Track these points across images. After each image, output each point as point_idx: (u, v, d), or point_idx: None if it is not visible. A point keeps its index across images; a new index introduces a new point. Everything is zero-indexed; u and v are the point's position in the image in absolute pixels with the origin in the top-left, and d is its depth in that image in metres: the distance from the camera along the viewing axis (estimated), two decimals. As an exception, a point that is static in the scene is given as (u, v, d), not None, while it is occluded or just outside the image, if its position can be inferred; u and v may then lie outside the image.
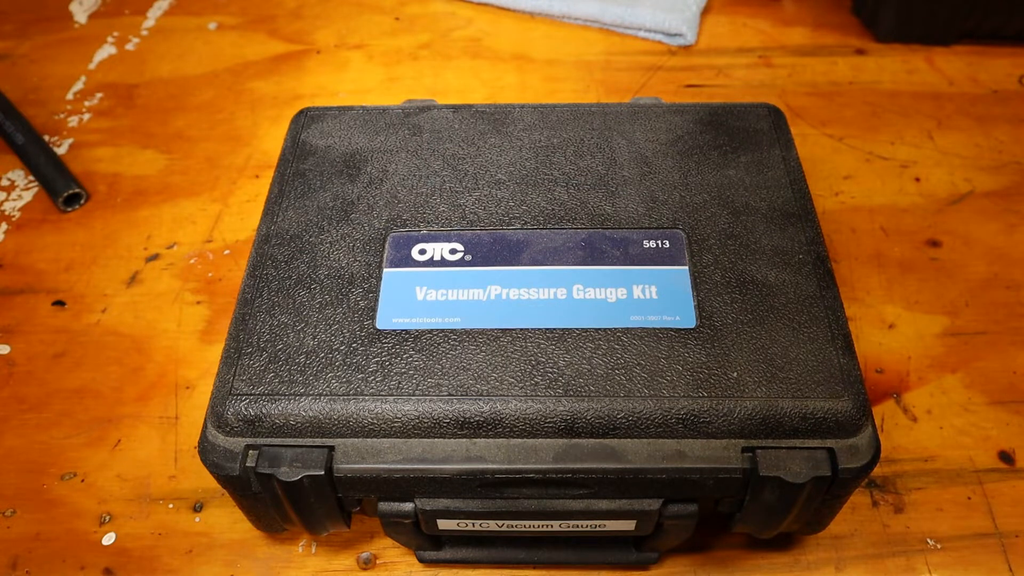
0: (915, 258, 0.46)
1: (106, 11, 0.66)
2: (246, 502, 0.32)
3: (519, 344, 0.31)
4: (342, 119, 0.41)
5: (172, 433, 0.40)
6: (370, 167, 0.38)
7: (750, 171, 0.37)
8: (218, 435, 0.30)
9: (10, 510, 0.38)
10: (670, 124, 0.40)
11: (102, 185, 0.52)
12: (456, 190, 0.37)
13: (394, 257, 0.34)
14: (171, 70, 0.61)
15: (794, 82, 0.57)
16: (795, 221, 0.35)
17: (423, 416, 0.29)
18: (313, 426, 0.30)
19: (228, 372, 0.31)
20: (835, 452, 0.29)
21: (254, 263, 0.34)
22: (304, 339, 0.32)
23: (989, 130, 0.53)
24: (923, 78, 0.57)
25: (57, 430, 0.41)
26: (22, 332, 0.45)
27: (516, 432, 0.29)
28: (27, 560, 0.36)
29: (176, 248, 0.48)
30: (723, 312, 0.32)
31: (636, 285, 0.33)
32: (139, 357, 0.43)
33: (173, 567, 0.36)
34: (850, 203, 0.49)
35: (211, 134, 0.56)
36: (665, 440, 0.29)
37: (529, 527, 0.32)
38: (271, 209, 0.37)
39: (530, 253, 0.34)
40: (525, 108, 0.41)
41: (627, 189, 0.37)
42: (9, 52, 0.63)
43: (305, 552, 0.36)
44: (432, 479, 0.29)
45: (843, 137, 0.53)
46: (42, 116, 0.57)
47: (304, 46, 0.62)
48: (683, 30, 0.60)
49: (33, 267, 0.48)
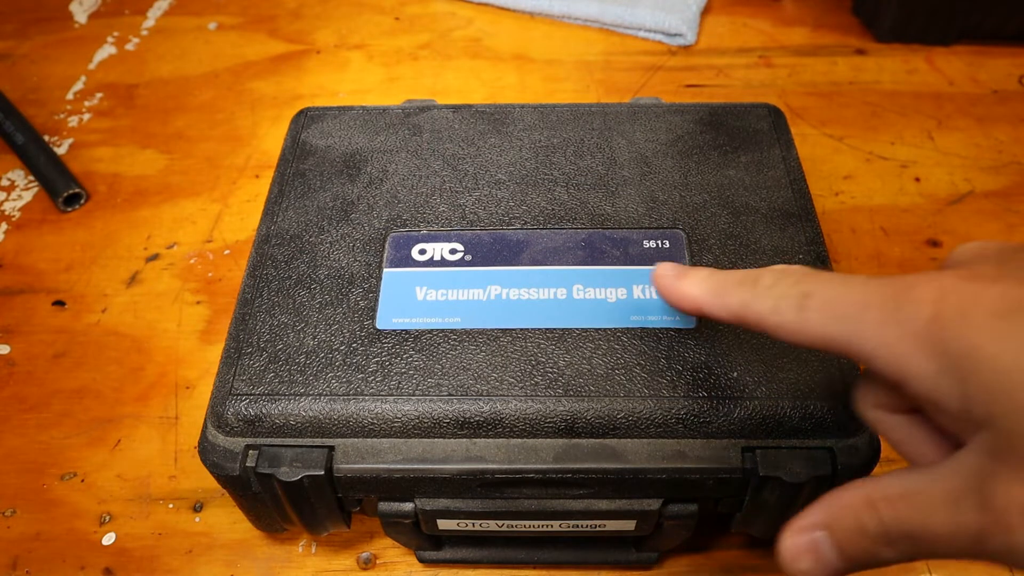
0: (915, 258, 0.46)
1: (106, 11, 0.66)
2: (246, 502, 0.32)
3: (519, 344, 0.31)
4: (342, 119, 0.41)
5: (172, 433, 0.40)
6: (370, 167, 0.38)
7: (750, 171, 0.37)
8: (218, 435, 0.30)
9: (10, 510, 0.38)
10: (670, 124, 0.40)
11: (102, 185, 0.52)
12: (456, 190, 0.37)
13: (394, 257, 0.34)
14: (171, 70, 0.61)
15: (794, 82, 0.57)
16: (795, 221, 0.35)
17: (423, 416, 0.29)
18: (313, 426, 0.30)
19: (228, 372, 0.31)
20: (835, 452, 0.29)
21: (254, 263, 0.34)
22: (304, 339, 0.32)
23: (989, 130, 0.53)
24: (923, 78, 0.57)
25: (57, 430, 0.41)
26: (22, 332, 0.45)
27: (516, 432, 0.29)
28: (27, 560, 0.36)
29: (176, 248, 0.48)
30: (723, 312, 0.32)
31: (636, 285, 0.33)
32: (139, 357, 0.43)
33: (173, 567, 0.36)
34: (850, 203, 0.49)
35: (211, 134, 0.56)
36: (665, 440, 0.29)
37: (529, 527, 0.32)
38: (271, 209, 0.37)
39: (530, 253, 0.34)
40: (525, 108, 0.41)
41: (627, 189, 0.37)
42: (9, 52, 0.63)
43: (305, 552, 0.36)
44: (432, 479, 0.29)
45: (843, 137, 0.53)
46: (42, 116, 0.57)
47: (304, 46, 0.62)
48: (683, 30, 0.60)
49: (33, 267, 0.48)
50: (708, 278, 0.27)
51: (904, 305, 0.21)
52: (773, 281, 0.24)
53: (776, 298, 0.24)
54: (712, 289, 0.26)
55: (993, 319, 0.20)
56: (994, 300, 0.20)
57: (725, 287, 0.26)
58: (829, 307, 0.23)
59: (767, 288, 0.24)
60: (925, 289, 0.21)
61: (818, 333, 0.23)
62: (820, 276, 0.24)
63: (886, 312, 0.21)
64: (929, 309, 0.21)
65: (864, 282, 0.22)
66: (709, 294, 0.26)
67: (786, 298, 0.24)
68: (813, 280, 0.24)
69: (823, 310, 0.23)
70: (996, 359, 0.19)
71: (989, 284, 0.20)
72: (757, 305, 0.24)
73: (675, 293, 0.28)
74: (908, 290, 0.21)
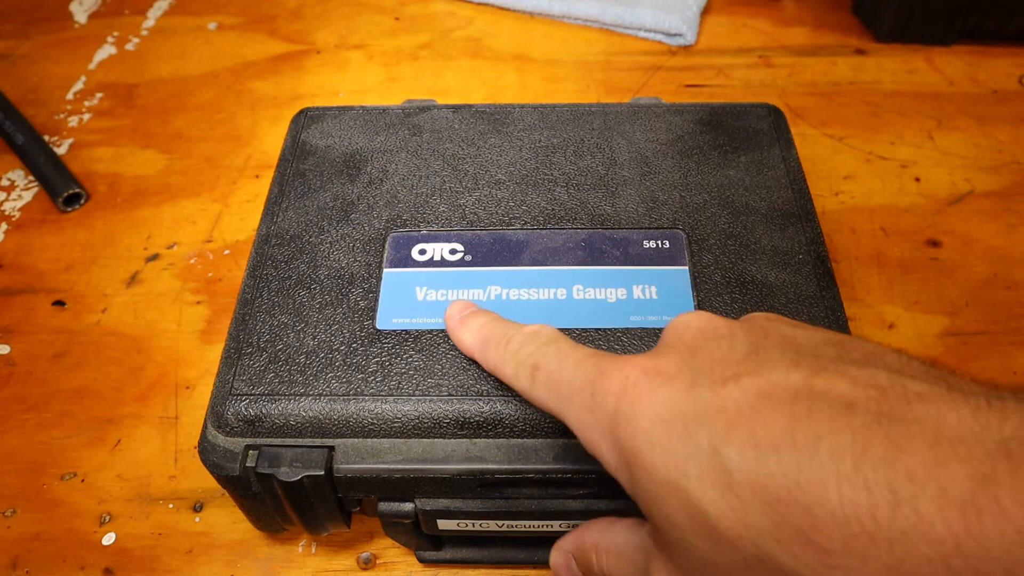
0: (915, 258, 0.46)
1: (106, 11, 0.66)
2: (246, 502, 0.32)
3: (519, 344, 0.31)
4: (342, 119, 0.41)
5: (172, 433, 0.40)
6: (370, 167, 0.38)
7: (750, 171, 0.37)
8: (218, 435, 0.30)
9: (10, 510, 0.38)
10: (670, 124, 0.40)
11: (102, 185, 0.52)
12: (456, 190, 0.37)
13: (394, 257, 0.34)
14: (171, 70, 0.61)
15: (794, 82, 0.57)
16: (795, 221, 0.35)
17: (423, 416, 0.29)
18: (313, 426, 0.30)
19: (228, 372, 0.31)
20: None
21: (254, 263, 0.34)
22: (304, 339, 0.32)
23: (989, 130, 0.53)
24: (923, 78, 0.57)
25: (57, 430, 0.41)
26: (22, 332, 0.45)
27: (516, 432, 0.29)
28: (27, 560, 0.36)
29: (176, 248, 0.48)
30: (723, 312, 0.32)
31: (636, 285, 0.33)
32: (139, 357, 0.43)
33: (173, 567, 0.36)
34: (850, 203, 0.49)
35: (211, 134, 0.56)
36: (665, 440, 0.29)
37: (529, 527, 0.32)
38: (271, 209, 0.37)
39: (530, 253, 0.34)
40: (525, 108, 0.41)
41: (627, 189, 0.37)
42: (9, 52, 0.63)
43: (305, 552, 0.36)
44: (432, 479, 0.29)
45: (843, 137, 0.53)
46: (42, 116, 0.57)
47: (304, 46, 0.62)
48: (683, 30, 0.60)
49: (33, 267, 0.48)
50: (479, 330, 0.29)
51: (596, 394, 0.22)
52: (519, 346, 0.26)
53: (516, 365, 0.26)
54: (478, 344, 0.28)
55: (654, 424, 0.21)
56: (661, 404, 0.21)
57: (487, 344, 0.28)
58: (550, 384, 0.24)
59: (512, 353, 0.26)
60: (613, 380, 0.22)
61: (544, 406, 0.25)
62: (551, 348, 0.25)
63: (584, 397, 0.23)
64: (612, 402, 0.22)
65: (578, 363, 0.24)
66: (477, 348, 0.28)
67: (523, 367, 0.25)
68: (544, 353, 0.25)
69: (547, 386, 0.24)
70: (652, 467, 0.20)
71: (664, 383, 0.21)
72: (504, 368, 0.26)
73: (455, 338, 0.30)
74: (600, 378, 0.22)
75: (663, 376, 0.21)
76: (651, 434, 0.20)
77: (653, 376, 0.21)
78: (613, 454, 0.22)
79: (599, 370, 0.23)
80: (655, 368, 0.22)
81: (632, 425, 0.21)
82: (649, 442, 0.20)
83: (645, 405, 0.21)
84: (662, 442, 0.20)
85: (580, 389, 0.23)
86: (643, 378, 0.21)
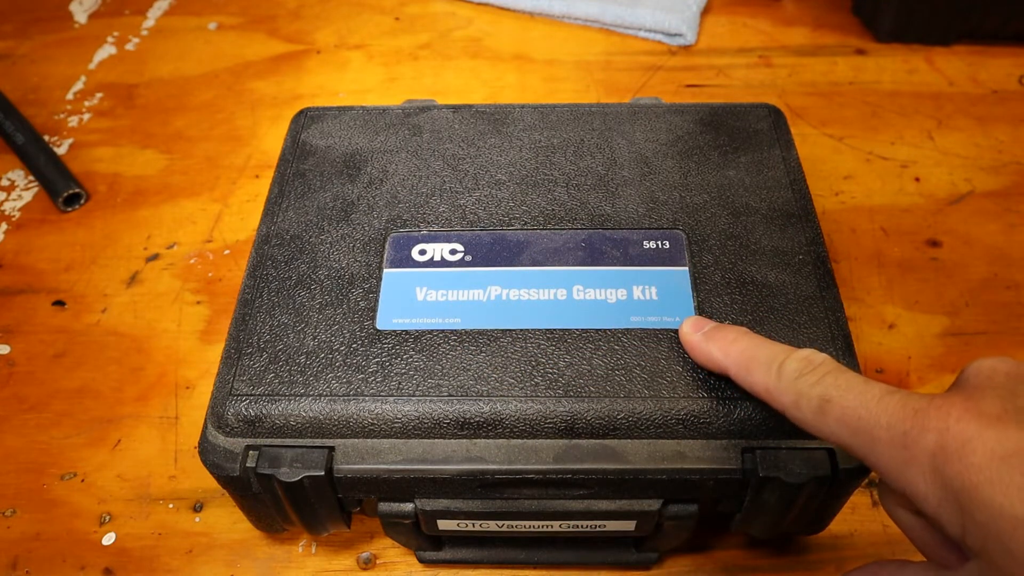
0: (915, 258, 0.46)
1: (106, 11, 0.66)
2: (246, 502, 0.32)
3: (519, 345, 0.31)
4: (342, 119, 0.41)
5: (172, 433, 0.40)
6: (370, 167, 0.38)
7: (750, 171, 0.37)
8: (218, 435, 0.30)
9: (10, 510, 0.38)
10: (670, 124, 0.40)
11: (102, 185, 0.52)
12: (456, 190, 0.37)
13: (394, 257, 0.34)
14: (171, 70, 0.61)
15: (794, 82, 0.57)
16: (795, 221, 0.35)
17: (423, 417, 0.29)
18: (313, 426, 0.30)
19: (228, 372, 0.31)
20: (835, 452, 0.29)
21: (254, 263, 0.34)
22: (304, 339, 0.32)
23: (989, 130, 0.53)
24: (923, 78, 0.57)
25: (57, 430, 0.41)
26: (22, 332, 0.45)
27: (516, 432, 0.29)
28: (27, 560, 0.36)
29: (176, 248, 0.48)
30: (723, 313, 0.32)
31: (636, 286, 0.33)
32: (139, 357, 0.43)
33: (173, 567, 0.36)
34: (850, 203, 0.49)
35: (211, 134, 0.56)
36: (665, 441, 0.29)
37: (529, 527, 0.32)
38: (271, 209, 0.37)
39: (530, 253, 0.34)
40: (525, 108, 0.41)
41: (627, 189, 0.37)
42: (9, 52, 0.63)
43: (305, 552, 0.36)
44: (432, 479, 0.29)
45: (843, 137, 0.53)
46: (42, 116, 0.57)
47: (304, 46, 0.62)
48: (683, 30, 0.60)
49: (33, 267, 0.48)
50: (733, 344, 0.28)
51: (911, 431, 0.22)
52: (797, 374, 0.26)
53: (797, 394, 0.25)
54: (739, 363, 0.28)
55: (991, 461, 0.21)
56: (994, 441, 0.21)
57: (751, 366, 0.27)
58: (845, 418, 0.24)
59: (790, 381, 0.26)
60: (932, 418, 0.22)
61: (834, 439, 0.25)
62: (840, 379, 0.25)
63: (895, 434, 0.23)
64: (934, 440, 0.22)
65: (880, 397, 0.24)
66: (735, 367, 0.28)
67: (807, 398, 0.25)
68: (834, 383, 0.25)
69: (840, 420, 0.24)
70: (991, 502, 0.21)
71: (990, 424, 0.22)
72: (780, 396, 0.26)
73: (702, 356, 0.30)
74: (916, 415, 0.23)
75: (987, 417, 0.22)
76: (988, 471, 0.21)
77: (976, 416, 0.22)
78: (934, 489, 0.22)
79: (910, 408, 0.23)
80: (977, 409, 0.22)
81: (964, 463, 0.21)
82: (988, 479, 0.21)
83: (977, 444, 0.21)
84: (1002, 478, 0.21)
85: (888, 427, 0.23)
86: (967, 417, 0.22)
